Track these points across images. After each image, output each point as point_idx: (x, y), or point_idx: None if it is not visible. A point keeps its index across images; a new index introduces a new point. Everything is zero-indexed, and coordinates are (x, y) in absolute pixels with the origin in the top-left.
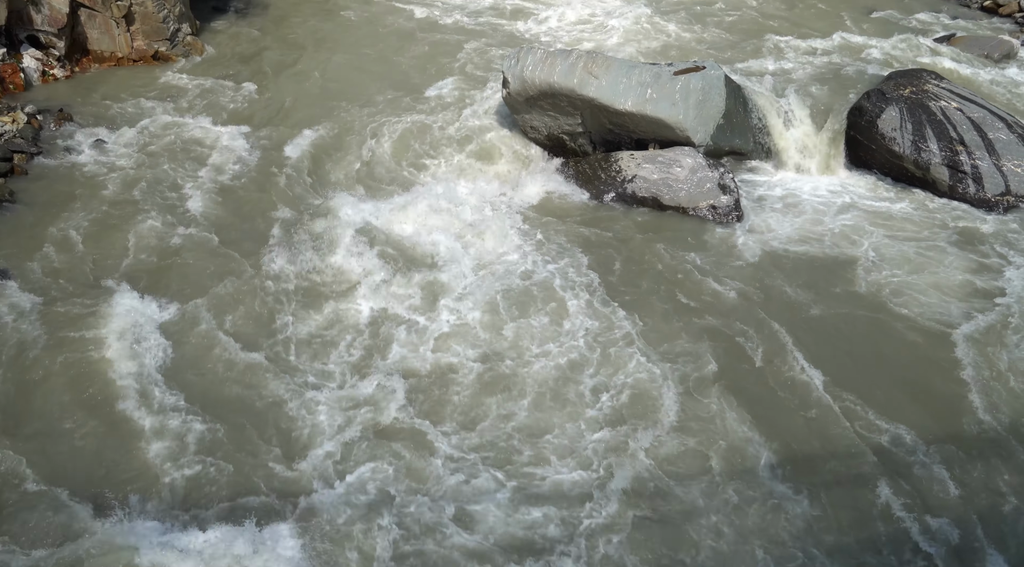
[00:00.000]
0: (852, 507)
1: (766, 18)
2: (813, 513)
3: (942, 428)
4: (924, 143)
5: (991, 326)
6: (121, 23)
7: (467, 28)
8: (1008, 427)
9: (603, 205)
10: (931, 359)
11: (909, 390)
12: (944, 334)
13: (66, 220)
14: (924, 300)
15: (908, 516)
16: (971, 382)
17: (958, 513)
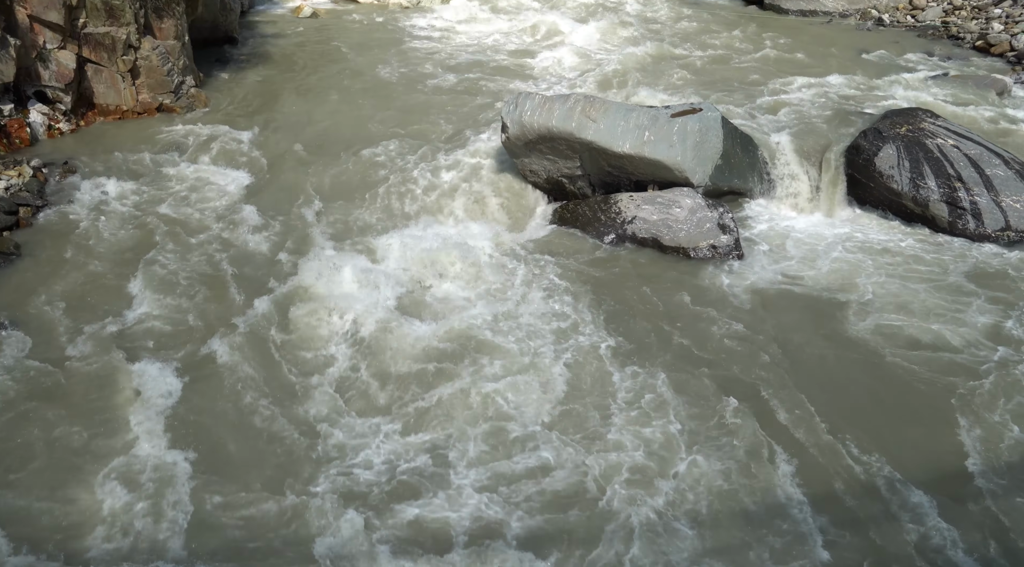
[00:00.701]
0: (852, 550)
1: (760, 60)
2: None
3: (942, 478)
4: (922, 180)
5: (996, 371)
6: (127, 77)
7: (465, 74)
8: (1009, 477)
9: (603, 247)
10: (933, 406)
11: (910, 437)
12: (951, 381)
13: (70, 272)
14: (927, 341)
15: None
16: (972, 428)
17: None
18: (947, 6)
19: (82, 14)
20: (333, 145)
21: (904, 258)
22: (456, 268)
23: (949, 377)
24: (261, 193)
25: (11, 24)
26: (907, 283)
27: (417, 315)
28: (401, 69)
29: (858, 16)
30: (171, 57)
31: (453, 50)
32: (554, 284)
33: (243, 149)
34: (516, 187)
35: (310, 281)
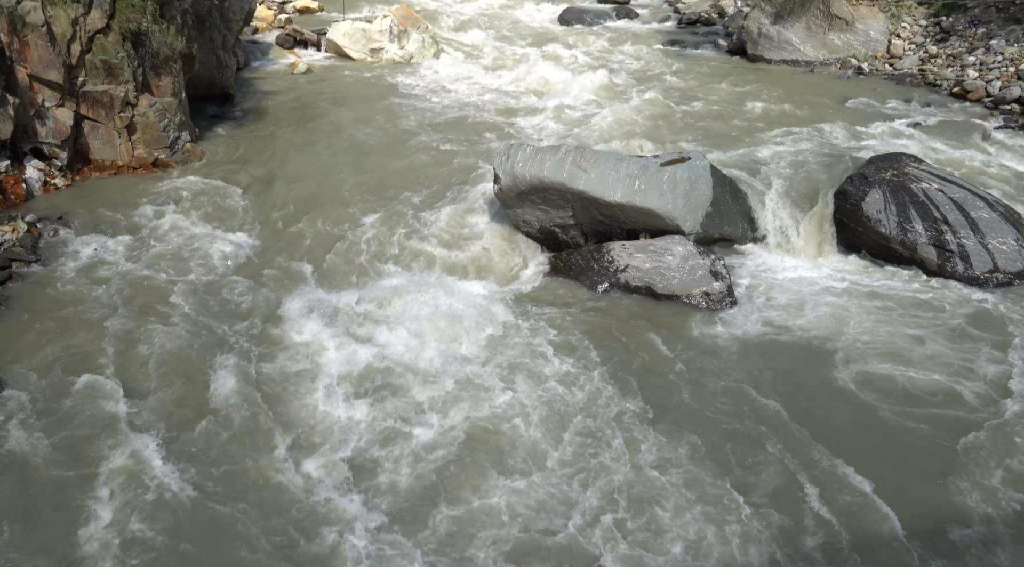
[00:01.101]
0: None
1: (747, 109)
2: None
3: (932, 539)
4: (909, 224)
5: (989, 424)
6: (123, 133)
7: (457, 127)
8: (1005, 529)
9: (597, 295)
10: (930, 452)
11: (903, 495)
12: (949, 428)
13: (61, 329)
14: (923, 393)
15: None
16: (968, 489)
17: None
18: (923, 55)
19: (81, 73)
20: (326, 198)
21: (895, 303)
22: (447, 321)
23: (943, 430)
24: (253, 248)
25: (11, 83)
26: (899, 329)
27: (405, 369)
28: (394, 123)
29: (838, 65)
30: (167, 113)
31: (445, 104)
32: (550, 340)
33: (236, 204)
34: (509, 237)
35: (300, 341)
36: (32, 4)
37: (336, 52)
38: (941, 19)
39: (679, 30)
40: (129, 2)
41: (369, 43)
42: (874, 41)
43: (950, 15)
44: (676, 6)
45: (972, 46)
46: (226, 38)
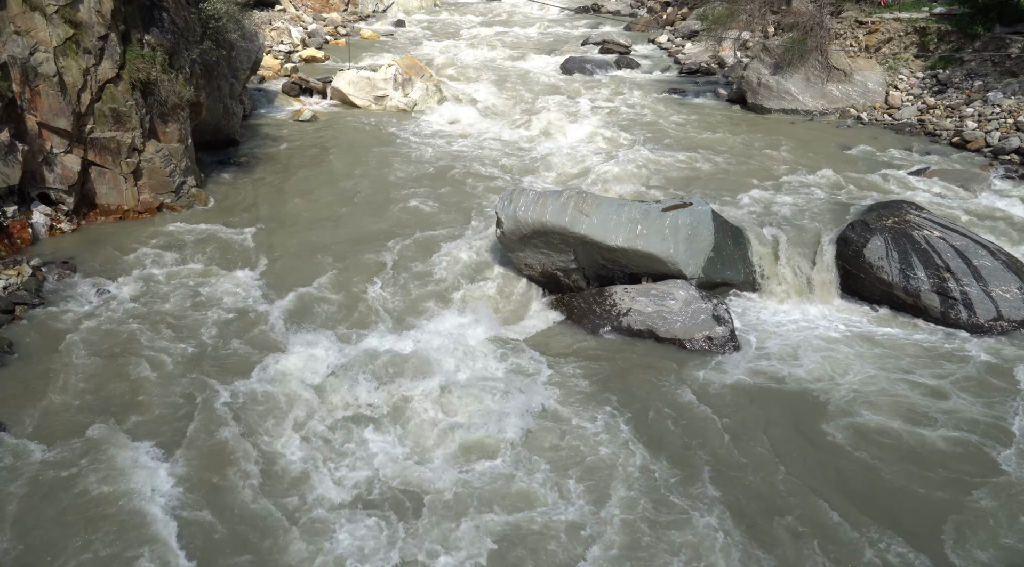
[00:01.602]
0: None
1: (747, 156)
2: None
3: None
4: (911, 271)
5: (985, 486)
6: (129, 178)
7: (460, 172)
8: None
9: (600, 339)
10: (932, 511)
11: (902, 535)
12: (952, 484)
13: (64, 372)
14: (926, 441)
15: None
16: (972, 538)
17: None
18: (921, 105)
19: (90, 120)
20: (329, 243)
21: (899, 351)
22: (452, 366)
23: (947, 487)
24: (256, 294)
25: (20, 130)
26: (905, 378)
27: (412, 417)
28: (397, 169)
29: (837, 115)
30: (174, 159)
31: (448, 150)
32: (552, 386)
33: (240, 249)
34: (511, 281)
35: (302, 388)
36: (45, 55)
37: (341, 100)
38: (938, 72)
39: (680, 79)
40: (139, 52)
41: (374, 91)
42: (872, 92)
43: (946, 68)
44: (676, 56)
45: (970, 98)
46: (233, 86)
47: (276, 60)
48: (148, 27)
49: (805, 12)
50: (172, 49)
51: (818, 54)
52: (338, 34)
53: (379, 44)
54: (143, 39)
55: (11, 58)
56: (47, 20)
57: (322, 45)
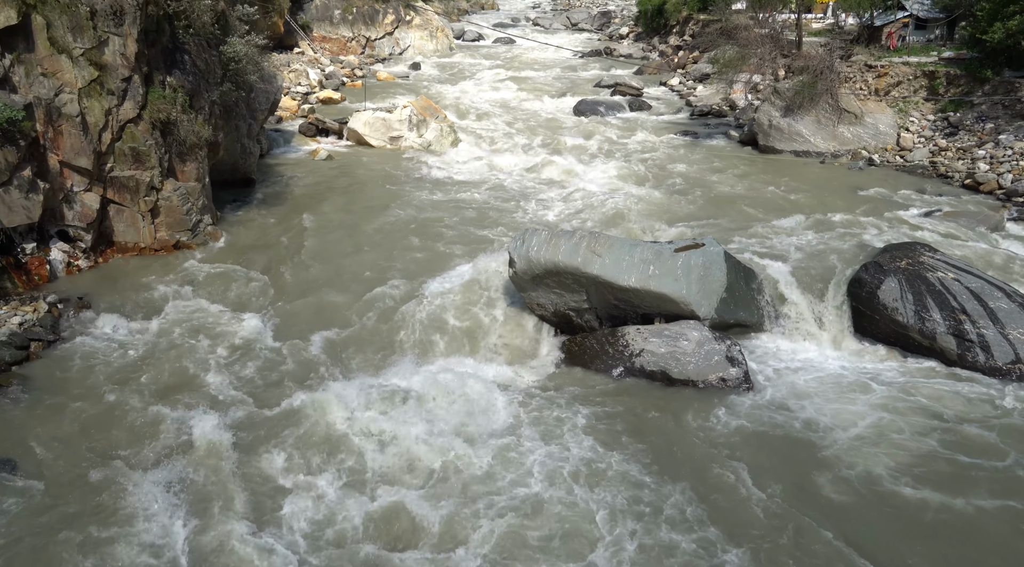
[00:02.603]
0: None
1: (759, 197)
2: None
3: None
4: (927, 313)
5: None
6: (147, 216)
7: (472, 212)
8: None
9: (612, 380)
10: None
11: None
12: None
13: (75, 410)
14: (946, 498)
15: None
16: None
17: None
18: (933, 147)
19: (110, 159)
20: (342, 281)
21: (916, 394)
22: (465, 415)
23: (964, 546)
24: (269, 331)
25: (42, 169)
26: (922, 425)
27: (423, 461)
28: (410, 208)
29: (849, 156)
30: (191, 197)
31: (461, 190)
32: (565, 428)
33: (253, 286)
34: (524, 321)
35: (311, 426)
36: (69, 96)
37: (356, 140)
38: (949, 114)
39: (691, 121)
40: (161, 93)
41: (389, 131)
42: (883, 134)
43: (957, 111)
44: (688, 99)
45: (981, 140)
46: (251, 127)
47: (294, 101)
48: (170, 69)
49: (815, 56)
50: (193, 90)
51: (828, 97)
52: (355, 76)
53: (395, 86)
54: (165, 81)
55: (36, 99)
56: (73, 62)
57: (339, 87)
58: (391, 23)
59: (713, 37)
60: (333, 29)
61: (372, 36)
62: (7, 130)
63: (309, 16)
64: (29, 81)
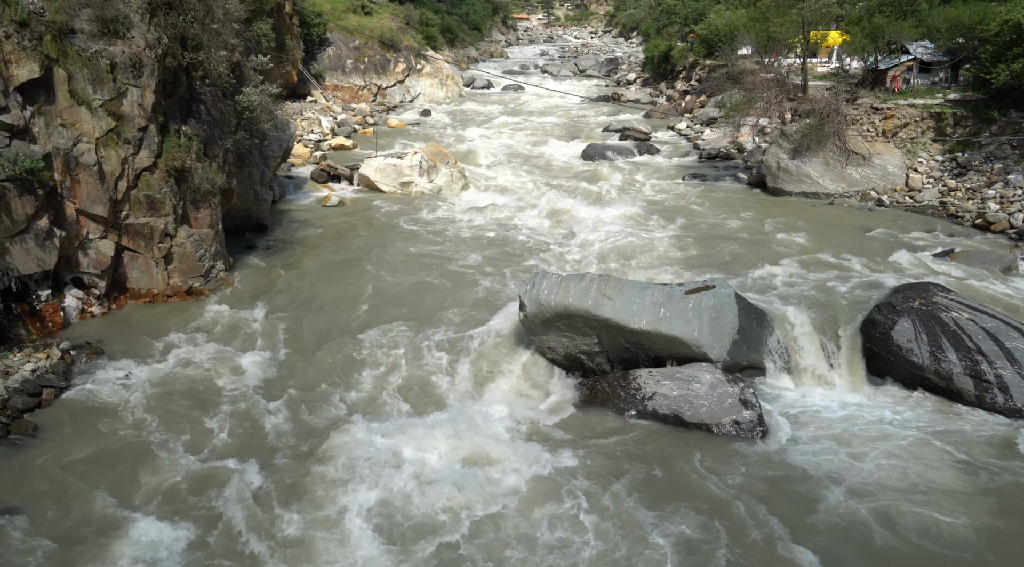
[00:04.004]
0: None
1: (769, 238)
2: None
3: None
4: (942, 354)
5: None
6: (160, 262)
7: (482, 256)
8: None
9: (625, 424)
10: None
11: None
12: None
13: (85, 457)
14: (971, 538)
15: None
16: None
17: None
18: (942, 188)
19: (126, 207)
20: (353, 326)
21: (935, 437)
22: (475, 463)
23: None
24: (280, 378)
25: (59, 217)
26: (943, 469)
27: (438, 523)
28: (420, 253)
29: (858, 197)
30: (204, 244)
31: (471, 235)
32: (577, 474)
33: (265, 332)
34: (535, 364)
35: (322, 474)
36: (87, 146)
37: (368, 186)
38: (957, 155)
39: (699, 164)
40: (176, 142)
41: (400, 177)
42: (892, 175)
43: (965, 151)
44: (696, 142)
45: (991, 180)
46: (264, 173)
47: (306, 148)
48: (186, 118)
49: (821, 99)
50: (207, 138)
51: (836, 139)
52: (366, 123)
53: (406, 133)
54: (180, 129)
55: (55, 149)
56: (92, 113)
57: (351, 134)
58: (402, 72)
59: (720, 82)
60: (345, 78)
61: (383, 84)
62: (26, 180)
63: (322, 65)
64: (48, 131)
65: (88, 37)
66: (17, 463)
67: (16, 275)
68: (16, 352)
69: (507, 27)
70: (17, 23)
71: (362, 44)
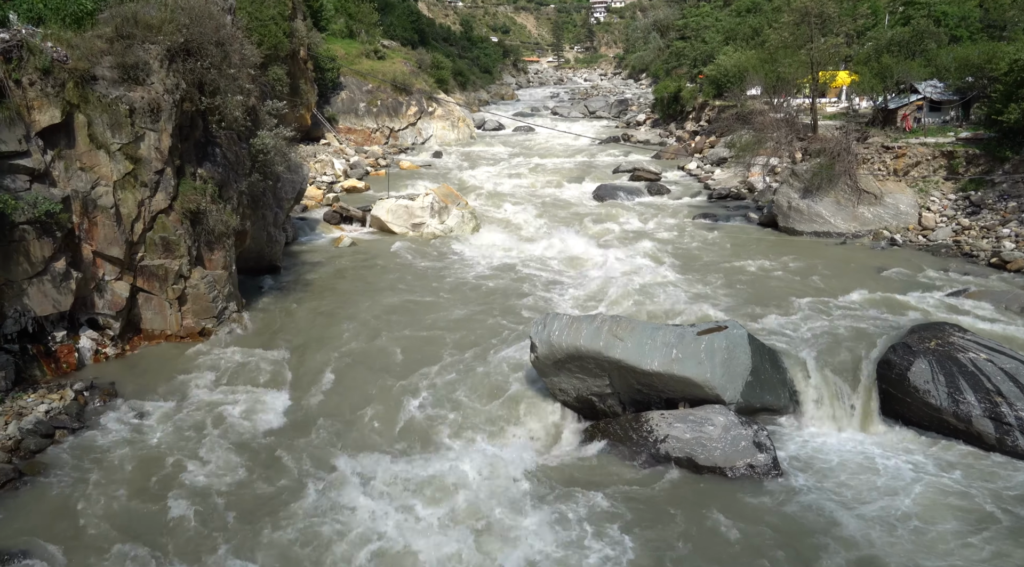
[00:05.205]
0: None
1: (781, 278)
2: None
3: None
4: (960, 395)
5: None
6: (174, 303)
7: (493, 297)
8: None
9: (637, 467)
10: None
11: None
12: None
13: (94, 500)
14: None
15: None
16: None
17: None
18: (956, 226)
19: (141, 249)
20: (364, 367)
21: (952, 482)
22: (486, 507)
23: None
24: (290, 418)
25: (76, 259)
26: (959, 515)
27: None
28: (431, 294)
29: (871, 236)
30: (217, 285)
31: (482, 275)
32: (589, 521)
33: (276, 373)
34: (546, 406)
35: (330, 517)
36: (105, 189)
37: (379, 227)
38: (970, 193)
39: (710, 204)
40: (192, 185)
41: (411, 218)
42: (904, 214)
43: (978, 190)
44: (706, 182)
45: (1005, 219)
46: (277, 215)
47: (319, 190)
48: (202, 161)
49: (831, 138)
50: (222, 181)
51: (847, 178)
52: (379, 165)
53: (417, 174)
54: (196, 172)
55: (74, 192)
56: (110, 157)
57: (363, 176)
58: (414, 114)
59: (729, 122)
60: (358, 121)
61: (396, 127)
62: (45, 222)
63: (335, 109)
64: (68, 175)
65: (109, 83)
66: (28, 505)
67: (32, 316)
68: (30, 393)
69: (518, 70)
70: (41, 71)
71: (375, 88)
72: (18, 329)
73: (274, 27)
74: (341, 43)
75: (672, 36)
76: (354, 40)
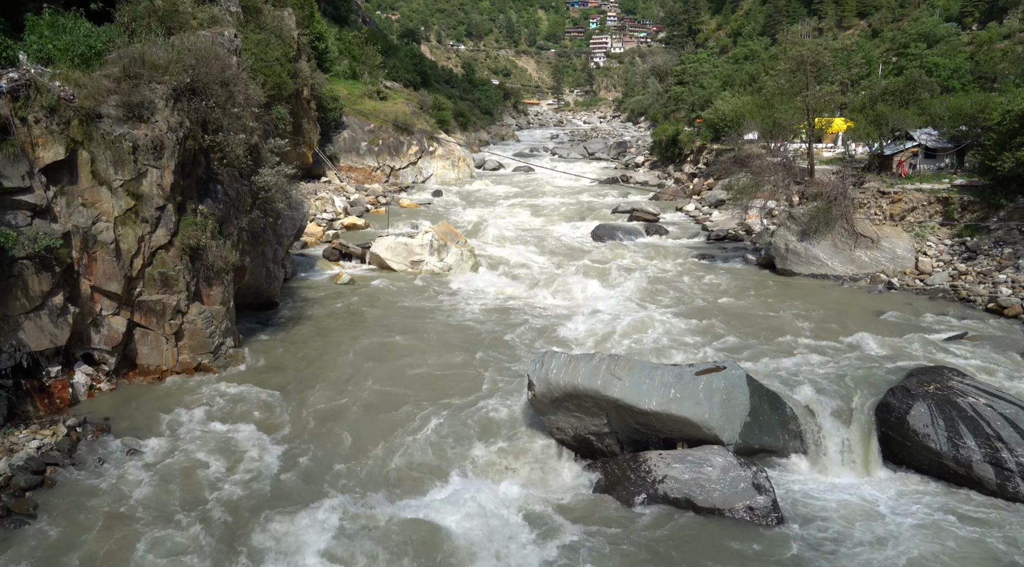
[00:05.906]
0: None
1: (779, 320)
2: None
3: None
4: (960, 440)
5: None
6: (171, 339)
7: (491, 335)
8: None
9: (634, 508)
10: None
11: None
12: None
13: (84, 542)
14: None
15: None
16: None
17: None
18: (952, 271)
19: (139, 284)
20: (359, 405)
21: (953, 528)
22: (482, 548)
23: None
24: (284, 455)
25: (74, 294)
26: (961, 562)
27: None
28: (429, 331)
29: (868, 280)
30: (215, 321)
31: (480, 313)
32: (584, 560)
33: (271, 410)
34: (544, 445)
35: (322, 556)
36: (105, 224)
37: (379, 264)
38: (966, 239)
39: (708, 245)
40: (192, 220)
41: (410, 256)
42: (901, 258)
43: (974, 236)
44: (704, 223)
45: (1001, 264)
46: (277, 252)
47: (319, 227)
48: (203, 197)
49: (828, 183)
50: (223, 217)
51: (844, 221)
52: (379, 203)
53: (417, 213)
54: (197, 208)
55: (75, 227)
56: (112, 193)
57: (363, 213)
58: (415, 153)
59: (727, 165)
60: (359, 159)
61: (396, 165)
62: (44, 257)
63: (337, 147)
64: (69, 211)
65: (113, 121)
66: (16, 543)
67: (28, 351)
68: (22, 429)
69: (518, 111)
70: (47, 109)
71: (376, 127)
72: (12, 364)
73: (279, 68)
74: (345, 84)
75: (670, 81)
76: (357, 81)
